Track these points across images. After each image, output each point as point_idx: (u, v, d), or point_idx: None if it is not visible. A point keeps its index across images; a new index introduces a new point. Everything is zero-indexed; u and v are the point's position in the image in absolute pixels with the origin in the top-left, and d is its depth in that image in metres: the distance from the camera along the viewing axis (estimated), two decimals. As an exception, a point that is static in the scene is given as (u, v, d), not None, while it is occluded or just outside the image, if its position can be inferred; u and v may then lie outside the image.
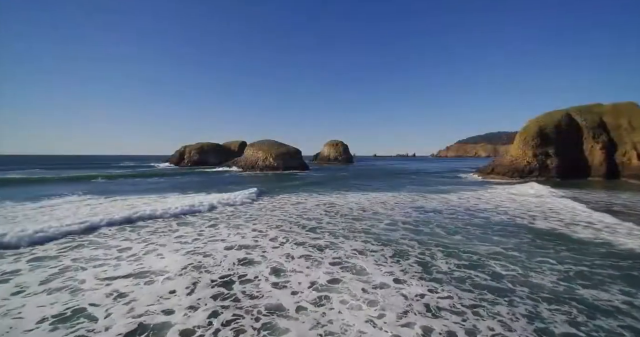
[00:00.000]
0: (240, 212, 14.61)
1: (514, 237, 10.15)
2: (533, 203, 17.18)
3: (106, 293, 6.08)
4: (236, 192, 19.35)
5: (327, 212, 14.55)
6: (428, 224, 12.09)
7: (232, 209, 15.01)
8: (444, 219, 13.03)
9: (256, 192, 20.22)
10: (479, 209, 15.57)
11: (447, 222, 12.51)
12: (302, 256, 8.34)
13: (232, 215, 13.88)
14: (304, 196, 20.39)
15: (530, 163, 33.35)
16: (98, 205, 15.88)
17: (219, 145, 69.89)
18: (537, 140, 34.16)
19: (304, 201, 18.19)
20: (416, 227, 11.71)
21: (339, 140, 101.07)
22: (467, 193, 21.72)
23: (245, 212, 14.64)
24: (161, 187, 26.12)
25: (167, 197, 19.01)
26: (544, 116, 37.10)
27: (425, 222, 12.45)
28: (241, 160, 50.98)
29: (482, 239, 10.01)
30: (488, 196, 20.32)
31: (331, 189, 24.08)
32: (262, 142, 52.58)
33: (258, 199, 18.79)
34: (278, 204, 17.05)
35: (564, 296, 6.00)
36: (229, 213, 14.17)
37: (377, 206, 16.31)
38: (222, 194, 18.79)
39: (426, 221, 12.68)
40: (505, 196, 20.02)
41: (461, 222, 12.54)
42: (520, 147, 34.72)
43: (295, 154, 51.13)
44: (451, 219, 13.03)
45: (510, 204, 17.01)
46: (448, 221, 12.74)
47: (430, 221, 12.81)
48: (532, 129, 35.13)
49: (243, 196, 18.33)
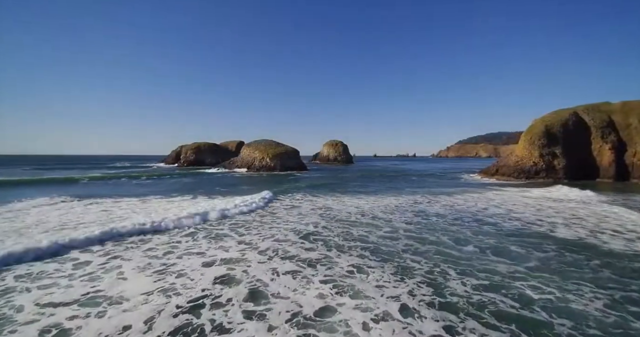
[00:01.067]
0: (226, 218, 13.32)
1: (536, 249, 8.85)
2: (551, 208, 15.86)
3: (41, 329, 4.80)
4: (227, 198, 18.07)
5: (323, 217, 13.26)
6: (433, 232, 10.80)
7: (216, 215, 13.73)
8: (451, 226, 11.74)
9: (258, 199, 18.90)
10: (488, 214, 14.28)
11: (454, 229, 11.23)
12: (290, 272, 7.07)
13: (216, 223, 12.58)
14: (298, 199, 19.10)
15: (537, 164, 32.06)
16: (69, 210, 14.59)
17: (216, 145, 68.56)
18: (544, 140, 32.88)
19: (298, 204, 16.89)
20: (420, 235, 10.43)
21: (338, 140, 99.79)
22: (473, 195, 20.44)
23: (230, 217, 13.35)
24: (145, 190, 24.87)
25: (148, 201, 17.75)
26: (550, 115, 35.83)
27: (430, 230, 11.16)
28: (237, 160, 49.66)
29: (499, 251, 8.72)
30: (497, 198, 19.03)
31: (328, 192, 22.80)
32: (259, 142, 51.28)
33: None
34: (269, 208, 15.75)
35: (616, 331, 4.72)
36: (212, 220, 12.87)
37: (377, 210, 15.02)
38: (209, 199, 17.49)
39: (430, 228, 11.40)
40: (516, 199, 18.72)
41: (470, 229, 11.25)
42: (526, 147, 33.43)
43: (293, 154, 49.84)
44: (458, 226, 11.74)
45: (524, 208, 15.70)
46: (455, 228, 11.45)
47: (435, 227, 11.53)
48: (538, 128, 33.85)
49: (230, 200, 17.04)
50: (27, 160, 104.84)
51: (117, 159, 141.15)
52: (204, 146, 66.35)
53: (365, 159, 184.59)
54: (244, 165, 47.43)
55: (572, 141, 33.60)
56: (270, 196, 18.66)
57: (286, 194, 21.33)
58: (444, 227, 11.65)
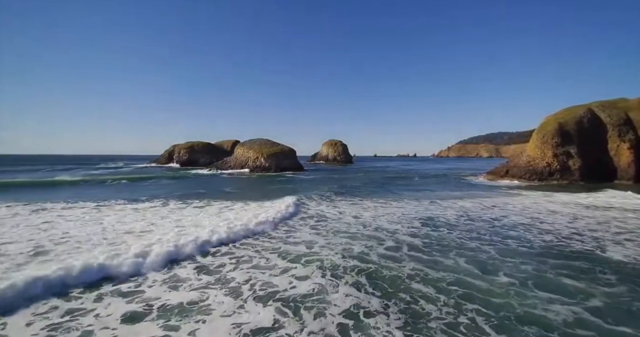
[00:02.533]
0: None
1: (594, 280, 6.50)
2: (587, 216, 13.48)
3: None
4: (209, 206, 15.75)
5: (314, 230, 10.93)
6: (447, 251, 8.46)
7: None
8: (468, 242, 9.40)
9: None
10: (509, 224, 11.94)
11: (473, 247, 8.90)
12: (262, 329, 4.73)
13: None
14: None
15: (551, 164, 29.66)
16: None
17: (210, 145, 66.18)
18: (558, 139, 30.48)
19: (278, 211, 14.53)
20: (430, 255, 8.11)
21: (337, 140, 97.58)
22: (486, 200, 18.08)
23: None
24: (110, 194, 22.55)
25: (104, 209, 15.46)
26: (563, 112, 33.45)
27: (442, 247, 8.84)
28: (230, 160, 47.32)
29: (545, 283, 6.36)
30: (515, 204, 16.66)
31: (324, 195, 20.44)
32: (254, 141, 48.93)
33: (224, 210, 15.17)
34: (244, 213, 13.40)
35: None
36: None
37: (378, 219, 12.67)
38: (177, 204, 15.16)
39: (443, 245, 9.08)
40: (539, 205, 16.33)
41: (493, 246, 8.91)
42: (538, 146, 31.03)
43: (289, 153, 47.48)
44: (477, 242, 9.40)
45: (552, 217, 13.34)
46: (474, 245, 9.11)
47: (449, 244, 9.21)
48: (552, 126, 31.45)
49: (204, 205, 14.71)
50: (5, 160, 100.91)
51: (111, 159, 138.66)
52: (197, 146, 64.00)
53: (365, 159, 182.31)
54: (238, 166, 45.11)
55: (587, 140, 31.20)
56: (255, 199, 16.29)
57: (275, 198, 19.01)
58: (460, 243, 9.31)
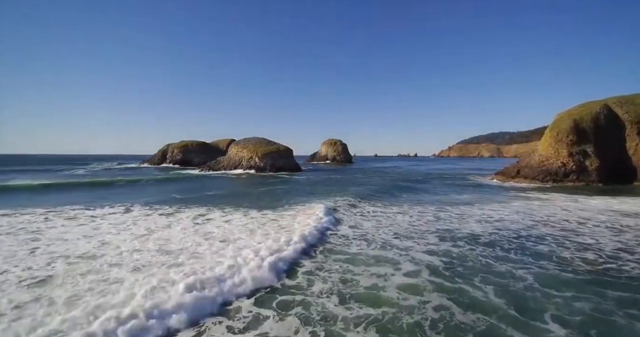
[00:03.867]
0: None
1: None
2: (630, 227, 11.27)
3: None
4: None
5: (304, 251, 8.71)
6: (472, 275, 6.30)
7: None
8: (496, 263, 7.20)
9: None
10: (539, 236, 9.75)
11: (503, 270, 6.74)
12: None
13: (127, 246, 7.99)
14: (277, 213, 14.56)
15: (566, 164, 27.44)
16: None
17: (204, 144, 63.91)
18: (573, 137, 28.27)
19: (263, 224, 12.28)
20: (453, 282, 5.94)
21: (337, 139, 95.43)
22: (504, 205, 15.86)
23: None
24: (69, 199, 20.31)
25: (52, 217, 13.23)
26: (578, 109, 31.21)
27: (466, 269, 6.70)
28: (224, 160, 45.09)
29: (610, 331, 4.15)
30: (538, 210, 14.44)
31: (319, 200, 18.23)
32: (248, 140, 46.67)
33: (198, 220, 12.98)
34: (228, 227, 11.20)
35: None
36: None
37: (382, 231, 10.46)
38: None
39: (467, 266, 6.93)
40: (566, 212, 14.11)
41: (528, 270, 6.72)
42: (551, 145, 28.81)
43: (285, 153, 45.22)
44: (507, 263, 7.21)
45: (588, 227, 11.12)
46: (504, 267, 6.92)
47: (473, 264, 7.06)
48: (566, 123, 29.23)
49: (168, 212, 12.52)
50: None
51: (108, 158, 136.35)
52: (192, 145, 61.76)
53: (365, 159, 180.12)
54: (231, 166, 42.87)
55: (604, 138, 29.00)
56: (239, 205, 14.02)
57: (262, 205, 16.81)
58: (486, 264, 7.12)
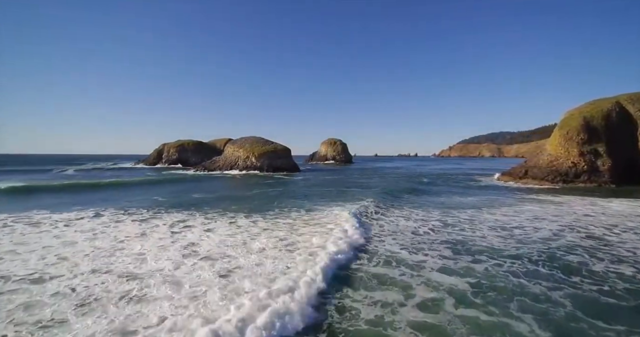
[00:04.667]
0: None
1: None
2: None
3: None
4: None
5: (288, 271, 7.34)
6: (506, 302, 4.92)
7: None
8: (527, 282, 5.85)
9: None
10: (569, 247, 8.36)
11: (536, 291, 5.41)
12: None
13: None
14: (268, 221, 13.18)
15: (577, 164, 26.06)
16: None
17: (201, 143, 62.53)
18: (584, 136, 26.89)
19: (256, 234, 10.80)
20: (487, 312, 4.54)
21: (337, 139, 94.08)
22: (519, 209, 14.48)
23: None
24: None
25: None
26: (588, 106, 29.83)
27: (498, 294, 5.32)
28: (219, 160, 43.75)
29: None
30: (558, 215, 13.05)
31: (313, 206, 16.83)
32: (245, 139, 45.31)
33: (175, 228, 11.62)
34: (211, 239, 9.83)
35: None
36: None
37: (390, 242, 9.08)
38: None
39: (497, 288, 5.58)
40: (590, 217, 12.73)
41: (562, 289, 5.44)
42: (561, 143, 27.43)
43: (283, 153, 43.85)
44: (540, 282, 5.84)
45: (621, 236, 9.73)
46: (538, 289, 5.56)
47: (505, 285, 5.70)
48: (577, 121, 27.85)
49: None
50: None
51: (105, 158, 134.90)
52: (188, 144, 60.39)
53: (365, 159, 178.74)
54: (227, 166, 41.50)
55: (616, 137, 27.61)
56: (220, 211, 12.66)
57: (244, 211, 15.46)
58: (519, 285, 5.75)
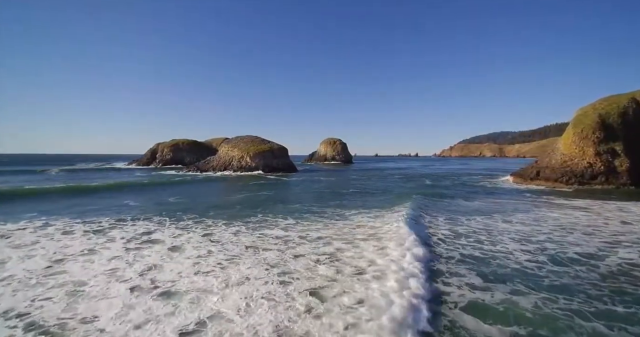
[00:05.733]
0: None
1: None
2: None
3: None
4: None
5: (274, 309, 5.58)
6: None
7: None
8: (601, 321, 4.02)
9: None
10: (623, 269, 6.59)
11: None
12: None
13: None
14: (247, 231, 11.41)
15: (593, 165, 24.25)
16: None
17: (196, 143, 60.80)
18: (600, 134, 25.08)
19: (236, 255, 9.07)
20: None
21: (336, 138, 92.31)
22: (538, 217, 12.69)
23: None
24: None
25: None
26: (603, 102, 28.00)
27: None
28: (213, 160, 42.00)
29: None
30: (591, 224, 11.26)
31: (301, 216, 15.02)
32: (240, 138, 43.54)
33: (131, 245, 9.88)
34: (176, 262, 8.08)
35: None
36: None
37: (400, 261, 7.31)
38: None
39: (556, 329, 3.72)
40: (632, 226, 10.94)
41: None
42: (575, 142, 25.62)
43: (279, 152, 42.07)
44: (619, 318, 4.02)
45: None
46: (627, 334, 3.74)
47: (565, 325, 3.84)
48: (591, 118, 26.05)
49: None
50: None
51: (99, 158, 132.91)
52: (182, 144, 58.65)
53: (365, 159, 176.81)
54: (221, 166, 39.74)
55: (633, 135, 25.81)
56: (185, 222, 10.91)
57: (204, 220, 13.72)
58: (593, 332, 3.94)
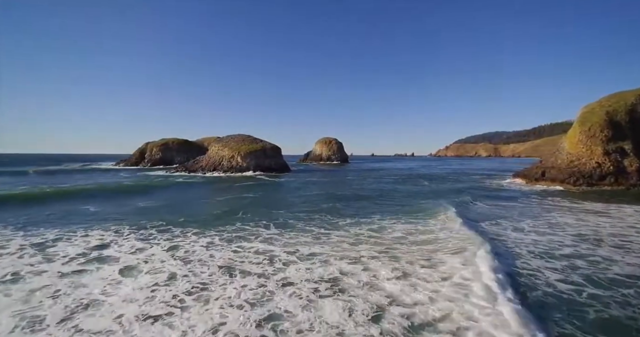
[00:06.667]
0: None
1: None
2: None
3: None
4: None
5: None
6: None
7: None
8: None
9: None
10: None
11: None
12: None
13: None
14: (221, 243, 9.72)
15: (602, 165, 22.94)
16: None
17: (187, 142, 58.79)
18: (608, 132, 23.82)
19: (205, 282, 7.33)
20: None
21: (332, 138, 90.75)
22: (552, 223, 11.20)
23: None
24: None
25: None
26: (610, 99, 26.79)
27: None
28: (203, 160, 40.18)
29: None
30: (623, 234, 9.78)
31: (287, 222, 13.37)
32: (232, 138, 41.77)
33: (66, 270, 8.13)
34: (124, 295, 6.39)
35: None
36: None
37: (410, 292, 5.70)
38: None
39: None
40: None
41: None
42: (582, 141, 24.32)
43: (272, 152, 40.36)
44: None
45: None
46: None
47: None
48: (598, 116, 24.79)
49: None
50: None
51: (89, 158, 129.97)
52: (172, 143, 56.59)
53: (362, 158, 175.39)
54: (210, 166, 37.92)
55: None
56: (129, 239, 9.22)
57: (171, 228, 12.02)
58: None
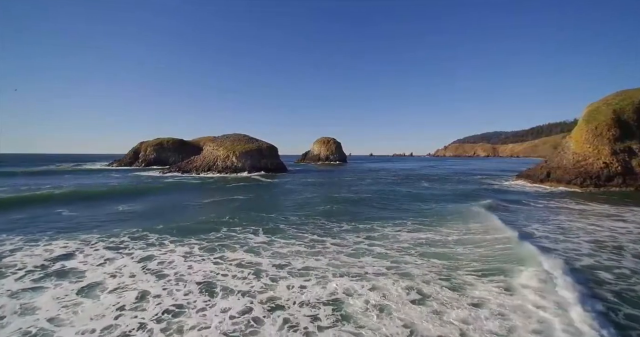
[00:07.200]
0: None
1: None
2: None
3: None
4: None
5: None
6: None
7: None
8: None
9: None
10: None
11: None
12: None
13: None
14: (202, 254, 8.74)
15: (609, 165, 22.09)
16: None
17: (182, 142, 57.66)
18: (615, 131, 23.00)
19: (181, 304, 6.30)
20: None
21: (330, 137, 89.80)
22: (564, 228, 10.28)
23: None
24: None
25: None
26: (615, 97, 25.98)
27: None
28: (197, 160, 39.16)
29: None
30: None
31: (277, 227, 12.38)
32: (227, 137, 40.78)
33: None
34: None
35: None
36: None
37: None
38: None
39: None
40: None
41: None
42: (589, 140, 23.48)
43: (268, 151, 39.39)
44: None
45: None
46: None
47: None
48: (605, 114, 23.96)
49: None
50: None
51: (81, 158, 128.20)
52: (167, 142, 55.49)
53: (360, 158, 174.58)
54: (204, 166, 36.90)
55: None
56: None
57: (147, 236, 11.02)
58: None
